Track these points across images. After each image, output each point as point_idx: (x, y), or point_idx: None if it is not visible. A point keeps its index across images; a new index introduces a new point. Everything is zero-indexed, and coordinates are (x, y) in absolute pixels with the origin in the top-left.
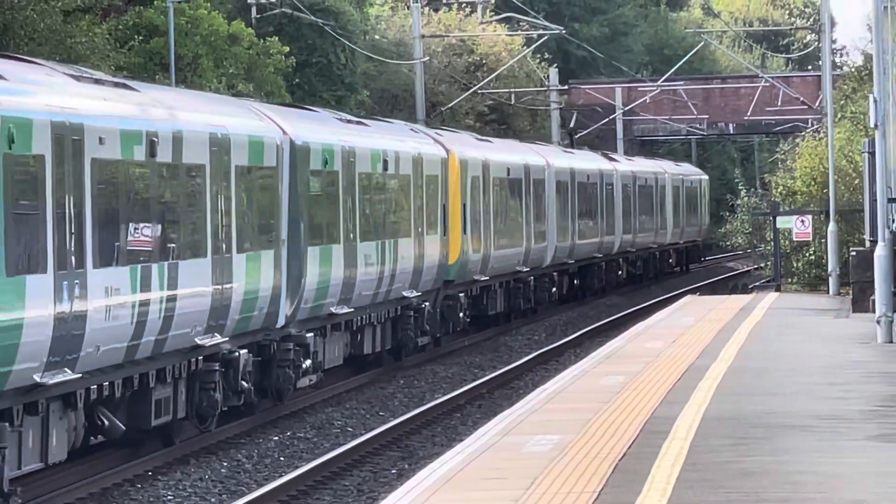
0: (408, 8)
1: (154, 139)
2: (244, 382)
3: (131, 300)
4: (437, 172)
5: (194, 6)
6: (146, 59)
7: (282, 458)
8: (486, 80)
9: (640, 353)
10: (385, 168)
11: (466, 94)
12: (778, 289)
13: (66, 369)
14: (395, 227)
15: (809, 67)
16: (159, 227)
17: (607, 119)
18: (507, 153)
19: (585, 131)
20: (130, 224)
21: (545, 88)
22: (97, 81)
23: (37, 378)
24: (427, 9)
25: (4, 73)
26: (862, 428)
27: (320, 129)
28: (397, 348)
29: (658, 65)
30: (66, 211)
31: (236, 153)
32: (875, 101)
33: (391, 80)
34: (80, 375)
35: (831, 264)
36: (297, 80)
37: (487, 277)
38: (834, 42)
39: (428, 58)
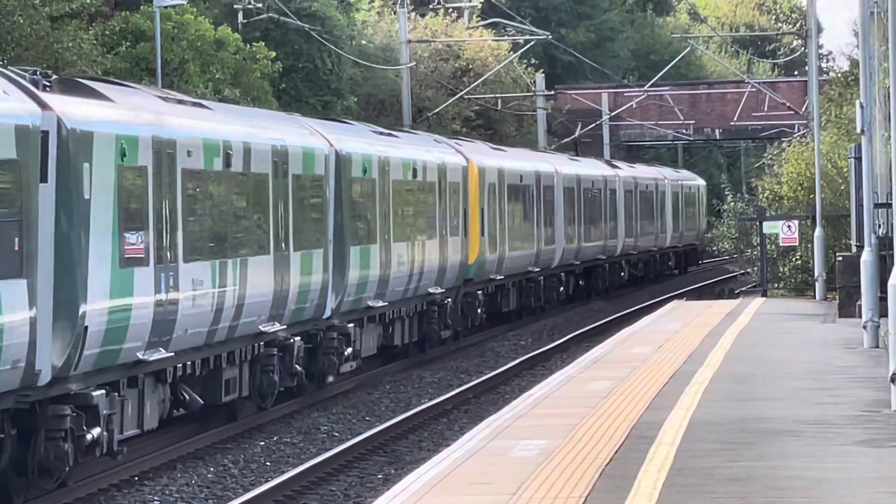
0: (394, 13)
1: (229, 151)
2: (297, 366)
3: (212, 291)
4: (458, 180)
5: (181, 11)
6: (133, 65)
7: (268, 463)
8: (472, 86)
9: (627, 359)
10: (414, 176)
11: (453, 99)
12: (764, 294)
13: (161, 349)
14: (423, 230)
15: (796, 73)
16: (233, 227)
17: (593, 125)
18: (520, 161)
19: (568, 138)
20: (211, 225)
21: (531, 94)
22: (179, 101)
23: (139, 355)
24: (414, 14)
25: (113, 97)
26: (849, 433)
27: (359, 141)
28: (422, 340)
29: (644, 70)
30: (163, 213)
31: (293, 163)
32: (861, 106)
33: (378, 86)
34: (171, 354)
35: (818, 269)
36: (283, 86)
37: (502, 277)
38: (820, 47)
39: (414, 63)
